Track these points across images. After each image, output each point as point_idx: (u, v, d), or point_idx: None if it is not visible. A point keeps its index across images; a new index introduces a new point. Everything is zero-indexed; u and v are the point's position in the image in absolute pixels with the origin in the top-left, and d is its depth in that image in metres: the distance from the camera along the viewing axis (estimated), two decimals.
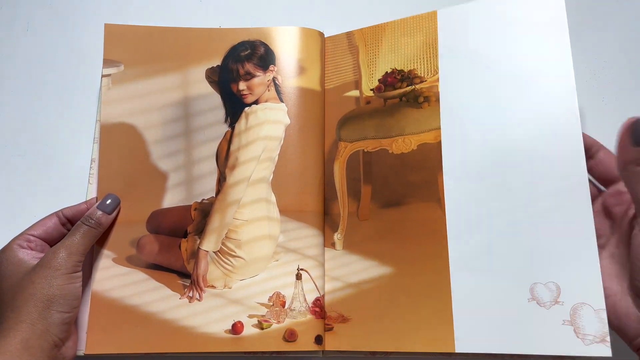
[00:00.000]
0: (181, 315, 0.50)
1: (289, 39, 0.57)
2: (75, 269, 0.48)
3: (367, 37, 0.43)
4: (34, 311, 0.45)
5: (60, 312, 0.46)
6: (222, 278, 0.51)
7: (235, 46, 0.57)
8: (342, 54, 0.44)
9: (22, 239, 0.50)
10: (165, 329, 0.49)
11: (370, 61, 0.42)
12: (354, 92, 0.44)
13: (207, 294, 0.50)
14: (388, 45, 0.42)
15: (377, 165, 0.40)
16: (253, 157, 0.51)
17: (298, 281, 0.49)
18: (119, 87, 0.56)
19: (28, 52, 0.67)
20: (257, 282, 0.50)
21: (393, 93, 0.41)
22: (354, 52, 0.43)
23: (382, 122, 0.40)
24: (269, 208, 0.50)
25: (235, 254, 0.51)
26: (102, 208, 0.52)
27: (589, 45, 0.64)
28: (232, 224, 0.51)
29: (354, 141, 0.41)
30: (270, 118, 0.51)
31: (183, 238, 0.52)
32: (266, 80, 0.52)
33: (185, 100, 0.56)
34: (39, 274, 0.46)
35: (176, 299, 0.51)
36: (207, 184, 0.53)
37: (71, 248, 0.48)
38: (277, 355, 0.52)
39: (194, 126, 0.54)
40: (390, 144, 0.40)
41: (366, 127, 0.41)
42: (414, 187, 0.39)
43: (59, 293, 0.46)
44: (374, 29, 0.42)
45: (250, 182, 0.50)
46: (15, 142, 0.63)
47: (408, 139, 0.40)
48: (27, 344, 0.44)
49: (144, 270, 0.52)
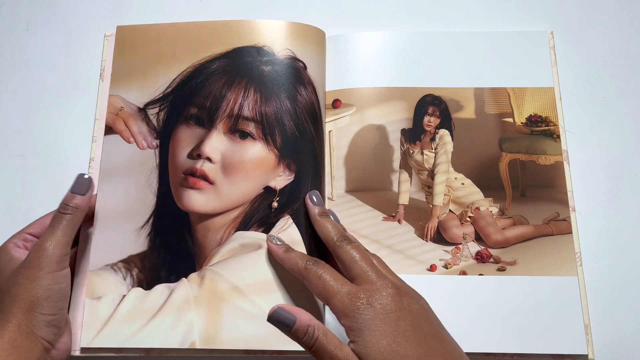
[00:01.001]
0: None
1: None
2: (61, 266, 0.46)
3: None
4: (19, 312, 0.44)
5: (44, 314, 0.44)
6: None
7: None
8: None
9: (19, 238, 0.49)
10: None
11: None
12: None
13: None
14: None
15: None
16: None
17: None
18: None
19: (28, 52, 0.66)
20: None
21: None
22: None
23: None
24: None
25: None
26: (76, 190, 0.49)
27: (589, 45, 0.64)
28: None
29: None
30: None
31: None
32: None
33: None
34: (22, 274, 0.45)
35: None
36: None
37: (53, 242, 0.46)
38: (277, 355, 0.52)
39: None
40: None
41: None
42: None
43: (43, 295, 0.44)
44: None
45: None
46: (15, 142, 0.63)
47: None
48: (15, 343, 0.43)
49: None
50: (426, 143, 0.59)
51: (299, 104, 0.56)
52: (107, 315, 0.50)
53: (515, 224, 0.56)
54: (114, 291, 0.51)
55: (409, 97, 0.60)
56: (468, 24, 0.65)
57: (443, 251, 0.55)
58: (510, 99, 0.60)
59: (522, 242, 0.55)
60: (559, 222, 0.56)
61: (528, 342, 0.51)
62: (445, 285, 0.53)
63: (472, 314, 0.52)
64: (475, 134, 0.59)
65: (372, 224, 0.57)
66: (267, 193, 0.55)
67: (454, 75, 0.61)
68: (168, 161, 0.55)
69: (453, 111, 0.60)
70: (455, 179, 0.58)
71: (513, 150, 0.59)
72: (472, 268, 0.54)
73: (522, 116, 0.60)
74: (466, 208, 0.57)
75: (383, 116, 0.60)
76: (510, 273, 0.54)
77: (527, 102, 0.60)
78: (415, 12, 0.67)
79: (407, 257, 0.55)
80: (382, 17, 0.67)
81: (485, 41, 0.62)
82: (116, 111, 0.57)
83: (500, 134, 0.59)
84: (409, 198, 0.58)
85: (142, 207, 0.54)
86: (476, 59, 0.61)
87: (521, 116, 0.60)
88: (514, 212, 0.56)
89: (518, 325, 0.52)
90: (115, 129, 0.57)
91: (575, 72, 0.63)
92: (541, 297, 0.52)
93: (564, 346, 0.51)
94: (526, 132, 0.59)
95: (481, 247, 0.55)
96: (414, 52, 0.62)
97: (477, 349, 0.51)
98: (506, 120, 0.60)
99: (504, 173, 0.58)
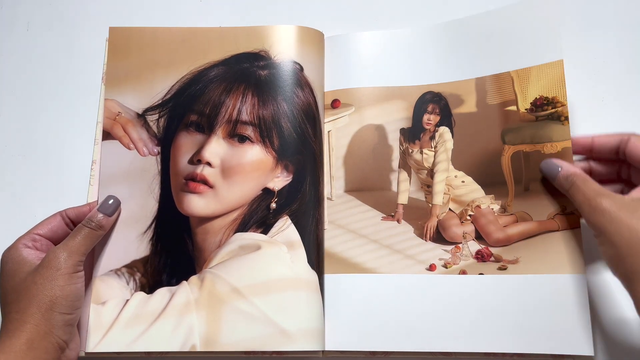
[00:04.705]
0: None
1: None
2: (77, 269, 0.48)
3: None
4: (37, 312, 0.46)
5: (62, 313, 0.47)
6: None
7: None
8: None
9: (28, 238, 0.50)
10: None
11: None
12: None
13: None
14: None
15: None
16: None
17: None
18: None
19: (28, 52, 0.67)
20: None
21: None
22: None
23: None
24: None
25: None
26: (103, 210, 0.53)
27: (589, 45, 0.63)
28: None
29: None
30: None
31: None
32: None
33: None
34: (41, 274, 0.47)
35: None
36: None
37: (72, 248, 0.49)
38: (277, 356, 0.53)
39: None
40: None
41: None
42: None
43: (60, 294, 0.47)
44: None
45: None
46: (15, 142, 0.63)
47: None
48: (32, 344, 0.45)
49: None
50: (425, 142, 0.59)
51: (296, 106, 0.57)
52: (111, 320, 0.52)
53: (518, 221, 0.55)
54: (118, 296, 0.53)
55: (407, 96, 0.60)
56: (467, 10, 0.62)
57: (443, 250, 0.55)
58: (514, 84, 0.58)
59: (525, 240, 0.54)
60: (566, 217, 0.53)
61: (528, 342, 0.50)
62: (445, 285, 0.53)
63: (472, 313, 0.52)
64: (476, 128, 0.58)
65: (371, 224, 0.57)
66: (265, 194, 0.56)
67: (454, 68, 0.59)
68: (169, 167, 0.57)
69: (454, 107, 0.59)
70: (455, 177, 0.57)
71: (516, 141, 0.57)
72: (472, 267, 0.54)
73: (526, 101, 0.57)
74: (466, 206, 0.57)
75: (382, 116, 0.60)
76: (511, 272, 0.53)
77: (532, 83, 0.57)
78: (415, 12, 0.66)
79: (407, 257, 0.55)
80: (381, 17, 0.66)
81: (485, 23, 0.59)
82: (113, 116, 0.58)
83: (502, 126, 0.57)
84: (408, 197, 0.58)
85: (144, 212, 0.55)
86: (477, 46, 0.59)
87: (525, 101, 0.57)
88: (517, 208, 0.55)
89: (519, 325, 0.51)
90: (113, 134, 0.58)
91: (575, 71, 0.61)
92: (544, 296, 0.51)
93: (567, 346, 0.49)
94: (531, 120, 0.57)
95: (481, 246, 0.55)
96: (412, 50, 0.61)
97: (477, 349, 0.51)
98: (509, 109, 0.58)
99: (506, 167, 0.56)
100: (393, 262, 0.54)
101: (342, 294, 0.54)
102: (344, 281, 0.54)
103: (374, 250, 0.55)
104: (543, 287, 0.51)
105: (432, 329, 0.51)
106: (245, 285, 0.52)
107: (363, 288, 0.54)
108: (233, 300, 0.51)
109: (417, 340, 0.51)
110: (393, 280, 0.54)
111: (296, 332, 0.51)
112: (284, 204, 0.55)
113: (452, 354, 0.52)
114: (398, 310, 0.52)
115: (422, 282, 0.53)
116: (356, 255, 0.55)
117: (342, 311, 0.53)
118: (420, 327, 0.52)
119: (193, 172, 0.55)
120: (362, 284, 0.54)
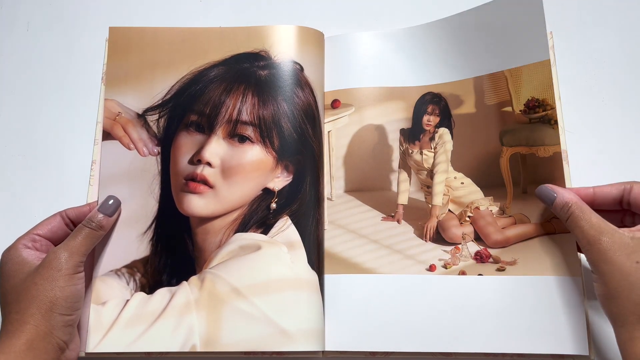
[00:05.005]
0: None
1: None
2: (77, 270, 0.48)
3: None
4: (37, 313, 0.46)
5: (62, 314, 0.47)
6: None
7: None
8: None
9: (27, 239, 0.50)
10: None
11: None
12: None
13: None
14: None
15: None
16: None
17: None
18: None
19: (28, 52, 0.67)
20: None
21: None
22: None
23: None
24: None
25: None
26: (103, 211, 0.53)
27: (589, 45, 0.63)
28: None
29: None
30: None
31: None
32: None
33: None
34: (41, 274, 0.47)
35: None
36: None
37: (72, 249, 0.48)
38: (277, 356, 0.53)
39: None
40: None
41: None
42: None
43: (60, 295, 0.46)
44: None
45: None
46: (15, 142, 0.63)
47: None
48: (32, 345, 0.45)
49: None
50: (425, 142, 0.59)
51: (296, 106, 0.57)
52: (112, 321, 0.52)
53: (516, 223, 0.55)
54: (118, 296, 0.53)
55: (408, 97, 0.60)
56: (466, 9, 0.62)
57: (442, 251, 0.55)
58: (508, 84, 0.58)
59: (523, 242, 0.54)
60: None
61: (526, 342, 0.51)
62: (445, 286, 0.53)
63: (471, 314, 0.52)
64: (475, 130, 0.58)
65: (371, 224, 0.57)
66: (265, 195, 0.56)
67: (453, 67, 0.60)
68: (169, 167, 0.57)
69: (453, 107, 0.59)
70: (454, 178, 0.58)
71: (514, 143, 0.57)
72: (472, 268, 0.54)
73: (520, 102, 0.57)
74: (465, 208, 0.57)
75: (382, 116, 0.60)
76: (510, 273, 0.53)
77: (525, 83, 0.57)
78: (415, 12, 0.66)
79: (406, 257, 0.55)
80: (381, 17, 0.66)
81: (480, 17, 0.59)
82: (113, 116, 0.58)
83: (500, 127, 0.58)
84: (408, 198, 0.58)
85: (144, 213, 0.55)
86: (474, 43, 0.59)
87: (519, 102, 0.57)
88: (515, 210, 0.56)
89: (517, 325, 0.51)
90: (113, 134, 0.58)
91: (575, 72, 0.62)
92: (541, 297, 0.51)
93: (565, 346, 0.50)
94: (525, 122, 0.57)
95: (480, 247, 0.55)
96: (412, 51, 0.61)
97: (476, 349, 0.51)
98: (505, 110, 0.58)
99: (505, 169, 0.57)
100: (393, 263, 0.55)
101: (342, 294, 0.54)
102: (344, 281, 0.54)
103: (374, 251, 0.55)
104: (540, 288, 0.52)
105: (431, 329, 0.52)
106: (246, 286, 0.52)
107: (363, 288, 0.54)
108: (233, 301, 0.52)
109: (417, 341, 0.52)
110: (393, 281, 0.54)
111: (296, 332, 0.51)
112: (284, 204, 0.55)
113: (452, 354, 0.52)
114: (398, 311, 0.53)
115: (422, 282, 0.54)
116: (356, 256, 0.55)
117: (342, 311, 0.53)
118: (420, 327, 0.52)
119: (193, 172, 0.55)
120: (362, 284, 0.54)
